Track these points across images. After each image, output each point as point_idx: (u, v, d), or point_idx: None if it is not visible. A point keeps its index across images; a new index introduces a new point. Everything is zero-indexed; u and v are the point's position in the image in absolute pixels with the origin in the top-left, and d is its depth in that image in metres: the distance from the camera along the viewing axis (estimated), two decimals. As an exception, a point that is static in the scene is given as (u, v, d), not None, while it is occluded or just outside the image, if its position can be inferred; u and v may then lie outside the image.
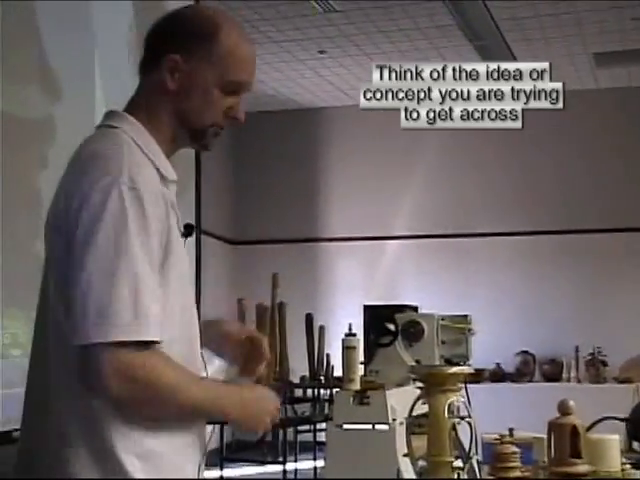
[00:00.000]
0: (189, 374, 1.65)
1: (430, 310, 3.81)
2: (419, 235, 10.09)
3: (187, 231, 1.79)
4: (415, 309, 4.01)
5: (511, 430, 1.68)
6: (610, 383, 9.09)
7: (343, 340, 3.01)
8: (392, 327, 3.37)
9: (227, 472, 6.55)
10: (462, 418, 1.76)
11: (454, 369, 1.76)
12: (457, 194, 10.00)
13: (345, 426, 2.96)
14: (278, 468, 6.09)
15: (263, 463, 6.69)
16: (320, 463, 6.19)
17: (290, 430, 6.56)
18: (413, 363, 3.23)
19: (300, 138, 10.58)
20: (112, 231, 1.57)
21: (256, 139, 10.63)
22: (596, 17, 7.71)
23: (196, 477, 1.72)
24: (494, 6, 7.45)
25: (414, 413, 1.94)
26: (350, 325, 3.07)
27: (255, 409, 1.74)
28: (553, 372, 9.37)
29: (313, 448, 6.75)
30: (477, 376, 8.80)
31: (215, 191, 9.62)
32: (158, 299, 1.61)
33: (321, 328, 5.68)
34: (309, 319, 5.75)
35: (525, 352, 9.45)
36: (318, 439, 6.43)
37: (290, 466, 6.44)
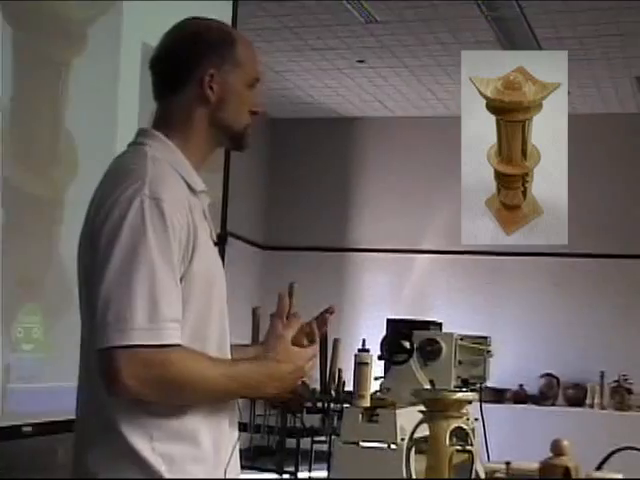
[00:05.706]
0: (212, 362, 1.71)
1: (457, 328, 3.75)
2: (450, 251, 10.01)
3: (218, 240, 1.89)
4: (440, 325, 3.95)
5: (508, 463, 1.63)
6: (635, 411, 8.96)
7: (356, 355, 2.97)
8: (407, 345, 3.32)
9: (243, 476, 6.51)
10: (463, 447, 1.72)
11: (457, 395, 1.71)
12: (490, 211, 9.91)
13: (353, 443, 2.92)
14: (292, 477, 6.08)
15: (278, 472, 6.66)
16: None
17: (307, 439, 6.54)
18: (427, 384, 3.19)
19: (335, 146, 10.56)
20: (130, 241, 1.64)
21: (291, 145, 10.62)
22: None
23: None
24: (537, 26, 7.39)
25: (421, 434, 1.90)
26: (364, 340, 3.02)
27: (282, 375, 1.82)
28: (577, 397, 9.25)
29: (327, 459, 6.72)
30: (498, 397, 8.71)
31: (246, 196, 9.62)
32: (177, 304, 1.67)
33: (335, 341, 5.62)
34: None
35: (549, 375, 9.34)
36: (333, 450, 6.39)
37: (304, 475, 6.42)
